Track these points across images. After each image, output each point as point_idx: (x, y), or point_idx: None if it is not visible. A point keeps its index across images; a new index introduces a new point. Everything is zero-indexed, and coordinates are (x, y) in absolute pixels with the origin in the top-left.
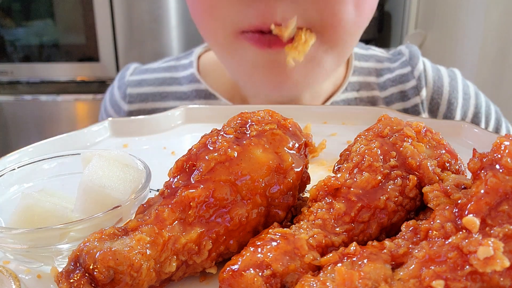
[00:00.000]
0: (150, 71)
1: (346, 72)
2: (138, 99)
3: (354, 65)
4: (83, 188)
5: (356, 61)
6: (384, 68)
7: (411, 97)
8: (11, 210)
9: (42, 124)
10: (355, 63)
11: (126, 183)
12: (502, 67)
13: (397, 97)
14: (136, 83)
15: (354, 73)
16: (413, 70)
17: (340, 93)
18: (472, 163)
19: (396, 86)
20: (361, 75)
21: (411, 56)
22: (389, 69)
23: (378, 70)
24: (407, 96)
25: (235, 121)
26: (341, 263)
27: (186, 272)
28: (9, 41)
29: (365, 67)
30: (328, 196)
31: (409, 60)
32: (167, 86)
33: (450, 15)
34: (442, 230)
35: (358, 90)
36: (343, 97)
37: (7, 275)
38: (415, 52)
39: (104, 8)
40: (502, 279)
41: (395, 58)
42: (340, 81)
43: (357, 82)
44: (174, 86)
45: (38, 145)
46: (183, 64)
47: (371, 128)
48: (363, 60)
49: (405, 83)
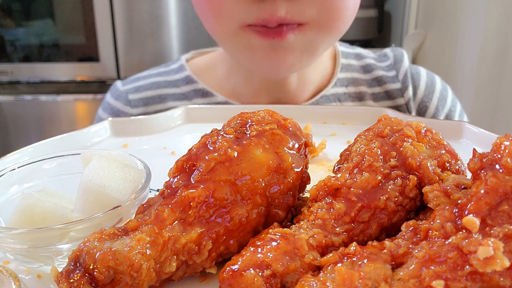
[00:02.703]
0: (142, 78)
1: (334, 69)
2: (141, 103)
3: (341, 63)
4: (83, 188)
5: (343, 58)
6: (370, 64)
7: (396, 98)
8: (11, 210)
9: (42, 124)
10: (342, 60)
11: (126, 183)
12: (502, 67)
13: (383, 95)
14: (134, 90)
15: (342, 70)
16: (397, 74)
17: (330, 87)
18: (472, 163)
19: (382, 86)
20: (348, 72)
21: (396, 61)
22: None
23: (364, 67)
24: (392, 96)
25: (235, 121)
26: (341, 263)
27: (186, 272)
28: (9, 41)
29: (352, 64)
30: (328, 196)
31: (394, 65)
32: (164, 89)
33: (450, 15)
34: (442, 230)
35: (347, 86)
36: (332, 92)
37: (7, 275)
38: (400, 56)
39: (104, 8)
40: (502, 279)
41: (380, 59)
42: (328, 76)
43: (345, 78)
44: (170, 88)
45: (38, 145)
46: (173, 69)
47: (371, 128)
48: (349, 58)
49: (391, 84)
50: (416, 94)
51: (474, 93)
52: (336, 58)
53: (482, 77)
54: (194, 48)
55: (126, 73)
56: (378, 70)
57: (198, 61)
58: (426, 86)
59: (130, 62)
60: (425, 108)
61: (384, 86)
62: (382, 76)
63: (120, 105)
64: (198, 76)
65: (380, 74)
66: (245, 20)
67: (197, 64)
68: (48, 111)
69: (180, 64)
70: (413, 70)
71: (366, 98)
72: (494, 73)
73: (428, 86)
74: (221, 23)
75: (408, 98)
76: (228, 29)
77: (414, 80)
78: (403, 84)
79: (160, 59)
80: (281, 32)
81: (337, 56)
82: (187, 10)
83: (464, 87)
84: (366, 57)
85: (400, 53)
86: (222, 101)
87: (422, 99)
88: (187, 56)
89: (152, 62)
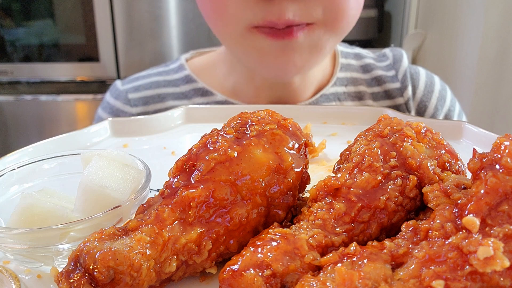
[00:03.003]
0: (141, 78)
1: (334, 68)
2: (141, 102)
3: (341, 62)
4: (83, 188)
5: (342, 58)
6: (370, 64)
7: (396, 97)
8: (11, 210)
9: (42, 124)
10: (341, 60)
11: (126, 183)
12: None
13: (382, 95)
14: (134, 89)
15: (341, 70)
16: (397, 74)
17: (330, 86)
18: (472, 163)
19: (381, 86)
20: (347, 71)
21: (395, 60)
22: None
23: (364, 67)
24: (391, 95)
25: (235, 121)
26: (341, 263)
27: (186, 272)
28: (9, 41)
29: (351, 64)
30: (328, 196)
31: (393, 64)
32: (164, 88)
33: (450, 15)
34: (442, 230)
35: (346, 85)
36: (332, 91)
37: (7, 275)
38: (399, 56)
39: (104, 8)
40: (502, 279)
41: (379, 59)
42: (328, 75)
43: (345, 78)
44: (170, 88)
45: (38, 145)
46: (173, 68)
47: (371, 128)
48: (349, 57)
49: (390, 83)
50: (416, 93)
51: (474, 93)
52: (335, 57)
53: (482, 77)
54: (194, 48)
55: (126, 73)
56: (377, 69)
57: (198, 60)
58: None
59: (130, 62)
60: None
61: (383, 86)
62: (382, 76)
63: (119, 104)
64: (198, 75)
65: (379, 74)
66: (251, 21)
67: (197, 63)
68: (48, 111)
69: (180, 64)
70: (412, 70)
71: (366, 97)
72: (494, 73)
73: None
74: (226, 24)
75: (408, 98)
76: (234, 31)
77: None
78: (402, 84)
79: (160, 59)
80: (291, 32)
81: (336, 55)
82: (187, 10)
83: (464, 87)
84: (366, 57)
85: (399, 53)
86: (222, 100)
87: (421, 99)
88: (186, 56)
89: (152, 62)
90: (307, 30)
